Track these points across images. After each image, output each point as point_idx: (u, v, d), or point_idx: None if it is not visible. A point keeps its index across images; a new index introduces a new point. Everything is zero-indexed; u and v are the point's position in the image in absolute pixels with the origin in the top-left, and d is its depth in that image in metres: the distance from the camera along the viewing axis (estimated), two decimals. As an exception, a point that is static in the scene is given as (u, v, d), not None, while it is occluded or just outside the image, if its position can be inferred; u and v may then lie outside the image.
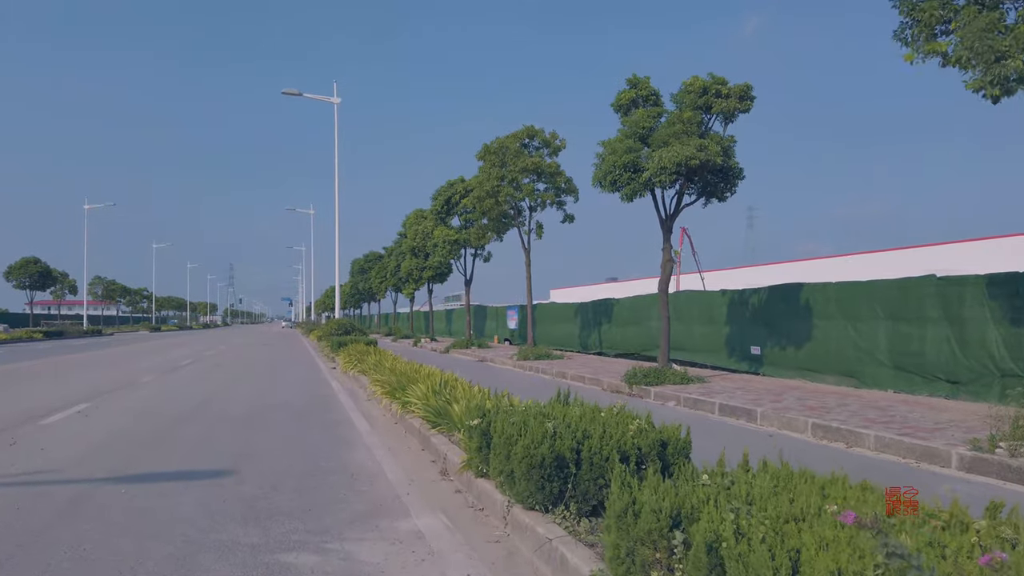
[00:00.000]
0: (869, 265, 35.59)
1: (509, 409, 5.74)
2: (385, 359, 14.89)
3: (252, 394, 13.20)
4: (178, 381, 15.94)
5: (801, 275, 19.87)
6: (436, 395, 8.57)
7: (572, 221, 22.61)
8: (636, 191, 13.73)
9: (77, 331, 57.34)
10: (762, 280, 23.42)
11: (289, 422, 9.77)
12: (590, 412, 5.28)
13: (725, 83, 13.74)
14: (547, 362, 21.11)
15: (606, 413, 5.23)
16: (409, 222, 39.06)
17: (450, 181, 30.33)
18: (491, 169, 21.65)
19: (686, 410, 11.67)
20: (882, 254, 42.13)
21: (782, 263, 50.94)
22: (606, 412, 5.26)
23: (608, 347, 24.08)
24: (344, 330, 25.84)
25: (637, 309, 22.14)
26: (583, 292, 60.52)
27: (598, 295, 46.02)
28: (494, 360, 23.83)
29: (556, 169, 21.61)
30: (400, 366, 12.52)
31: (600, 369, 18.18)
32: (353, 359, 17.13)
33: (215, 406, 11.46)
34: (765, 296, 16.40)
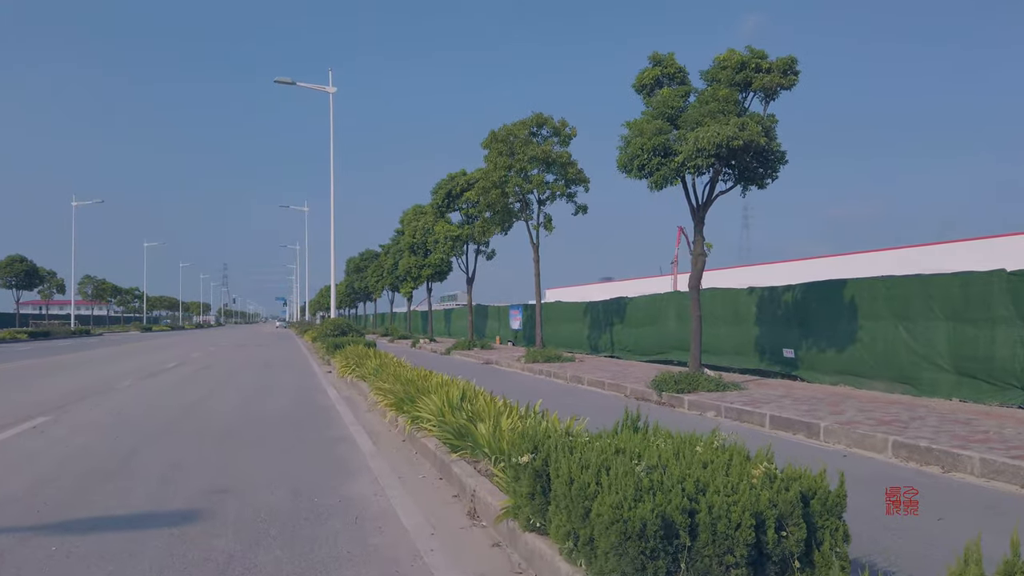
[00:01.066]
0: (869, 265, 34.65)
1: (564, 439, 4.35)
2: (387, 364, 13.49)
3: (239, 403, 11.79)
4: (158, 387, 14.51)
5: (803, 275, 18.75)
6: (455, 410, 7.18)
7: (584, 212, 21.25)
8: (667, 177, 12.37)
9: (64, 331, 55.69)
10: (761, 279, 22.30)
11: (280, 439, 8.37)
12: (682, 446, 3.90)
13: (765, 56, 12.40)
14: (558, 365, 19.74)
15: (704, 448, 3.85)
16: (407, 218, 37.61)
17: (451, 174, 28.91)
18: (498, 158, 20.26)
19: (730, 422, 10.31)
20: (879, 253, 41.27)
21: (777, 263, 49.94)
22: (704, 447, 3.88)
23: (620, 349, 22.72)
24: (340, 331, 24.41)
25: (652, 309, 20.79)
26: (578, 292, 59.28)
27: (593, 295, 44.87)
28: (500, 362, 22.45)
29: (567, 159, 20.24)
30: (406, 372, 11.12)
31: (619, 373, 16.81)
32: (351, 363, 15.72)
33: (196, 418, 10.04)
34: (799, 294, 15.07)
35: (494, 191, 20.67)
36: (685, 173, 12.39)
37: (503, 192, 20.88)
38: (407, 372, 11.17)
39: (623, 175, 13.27)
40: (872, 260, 39.28)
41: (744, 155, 11.80)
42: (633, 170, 12.81)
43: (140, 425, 9.37)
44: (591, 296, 43.05)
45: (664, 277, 60.31)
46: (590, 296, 44.46)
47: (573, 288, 66.53)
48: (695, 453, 3.80)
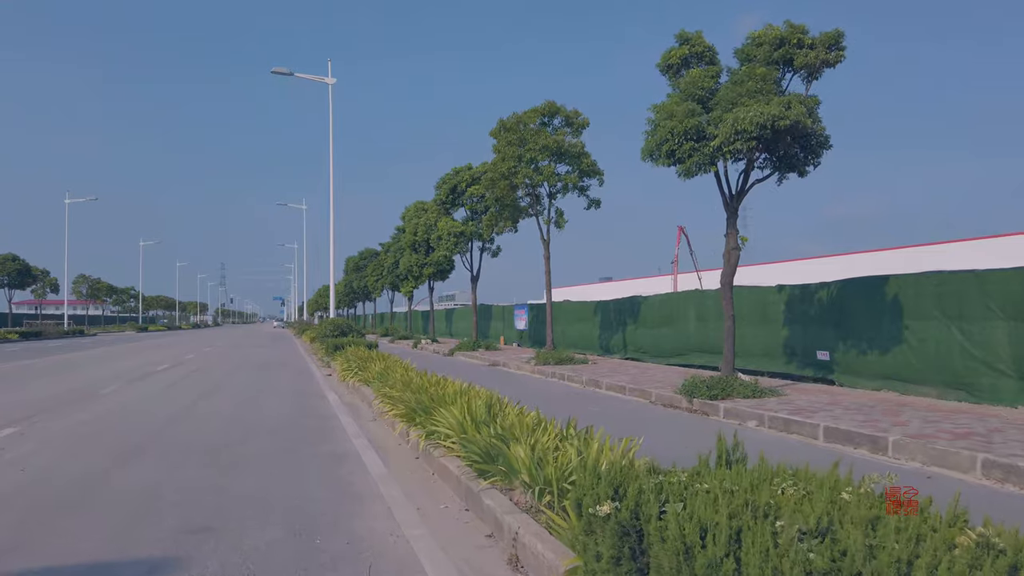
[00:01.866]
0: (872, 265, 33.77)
1: (651, 478, 3.28)
2: (392, 367, 12.42)
3: (232, 411, 10.71)
4: (145, 393, 13.43)
5: (803, 275, 18.05)
6: (479, 426, 6.12)
7: (598, 207, 20.19)
8: (700, 164, 11.32)
9: (57, 331, 54.53)
10: (760, 279, 21.37)
11: (275, 456, 7.30)
12: (819, 491, 2.84)
13: (805, 31, 11.34)
14: (571, 367, 18.68)
15: (853, 495, 2.78)
16: (409, 215, 36.51)
17: (456, 168, 27.83)
18: (507, 148, 19.19)
19: (776, 433, 9.26)
20: (878, 253, 40.45)
21: (777, 263, 49.09)
22: (852, 493, 2.82)
23: (634, 350, 21.66)
24: (340, 331, 23.33)
25: (670, 308, 19.73)
26: (578, 292, 58.23)
27: (593, 295, 43.88)
28: (508, 364, 21.39)
29: (580, 149, 19.18)
30: (415, 378, 10.04)
31: (638, 377, 15.75)
32: (353, 366, 14.65)
33: (182, 430, 8.96)
34: (835, 291, 14.02)
35: (502, 183, 19.60)
36: (720, 159, 11.32)
37: (512, 185, 19.81)
38: (416, 378, 10.10)
39: (649, 163, 12.23)
40: (874, 260, 38.55)
41: (786, 139, 10.75)
42: (661, 157, 11.76)
43: (118, 439, 8.30)
44: (592, 296, 42.16)
45: (664, 277, 59.35)
46: (590, 296, 43.56)
47: (573, 288, 65.57)
48: (840, 500, 2.74)
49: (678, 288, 49.21)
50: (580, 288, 63.42)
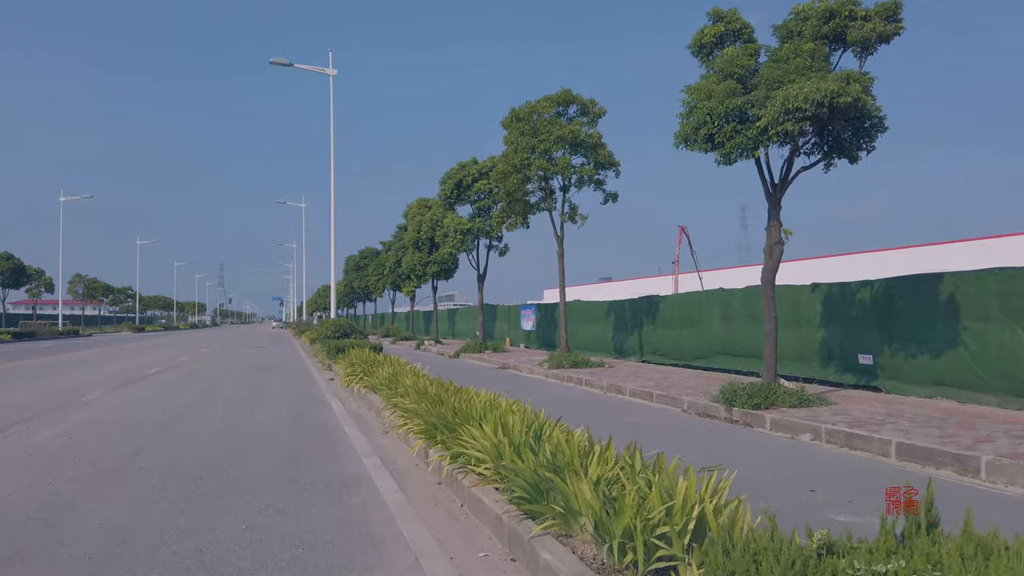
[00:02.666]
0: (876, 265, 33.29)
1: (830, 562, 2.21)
2: (402, 372, 11.35)
3: (223, 422, 9.63)
4: (132, 400, 12.35)
5: (807, 275, 17.15)
6: (521, 450, 5.05)
7: (614, 201, 19.13)
8: (742, 148, 10.27)
9: (51, 332, 53.41)
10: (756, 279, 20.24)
11: (272, 482, 6.23)
12: None
13: (857, 2, 10.27)
14: (587, 371, 17.62)
15: None
16: (411, 212, 35.45)
17: (461, 163, 26.75)
18: (519, 139, 18.12)
19: (836, 450, 8.21)
20: (877, 254, 39.87)
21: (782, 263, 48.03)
22: None
23: (651, 353, 20.60)
24: (342, 332, 22.25)
25: (692, 308, 18.67)
26: (577, 292, 57.03)
27: (592, 296, 42.86)
28: (519, 368, 20.33)
29: (597, 140, 18.12)
30: (430, 386, 8.96)
31: (663, 382, 14.69)
32: (357, 370, 13.58)
33: (166, 446, 7.89)
34: (880, 290, 12.96)
35: (514, 176, 18.53)
36: (764, 144, 10.26)
37: (525, 177, 18.74)
38: (432, 385, 9.01)
39: (682, 148, 11.17)
40: (879, 260, 37.97)
41: (841, 120, 9.68)
42: (698, 141, 10.70)
43: (90, 460, 7.22)
44: (592, 296, 41.19)
45: (665, 277, 58.33)
46: (591, 296, 42.58)
47: (573, 288, 64.31)
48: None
49: (679, 288, 48.52)
50: (580, 288, 62.38)
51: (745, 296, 16.67)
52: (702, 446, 8.20)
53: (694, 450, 7.80)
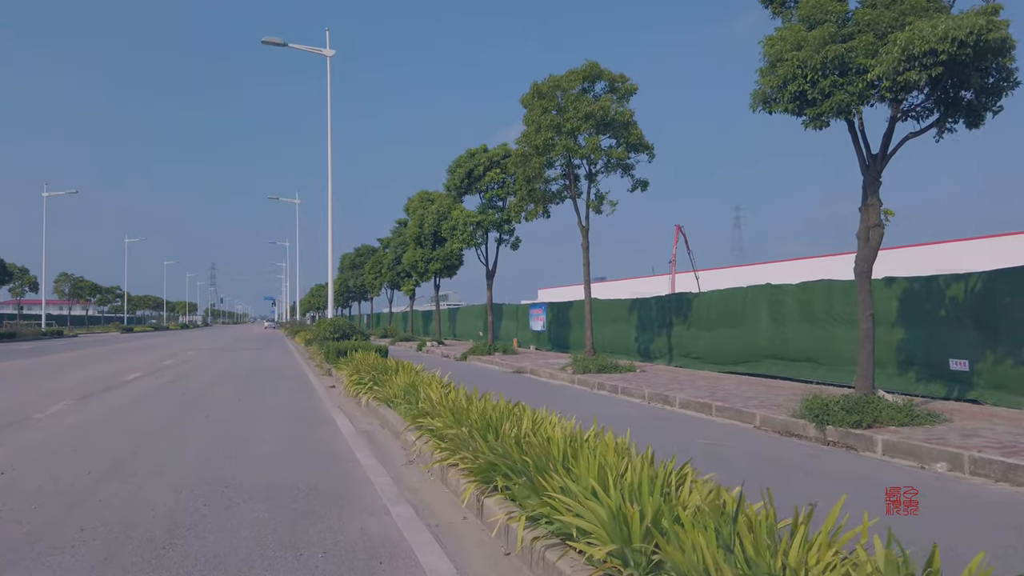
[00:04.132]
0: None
1: None
2: (424, 383, 9.41)
3: (204, 451, 7.68)
4: (95, 416, 10.37)
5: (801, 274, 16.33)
6: (659, 521, 3.13)
7: (644, 189, 17.26)
8: (842, 106, 8.39)
9: (33, 333, 51.12)
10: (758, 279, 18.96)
11: (268, 552, 4.31)
12: None
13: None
14: (619, 377, 15.73)
15: None
16: (413, 205, 33.48)
17: (471, 150, 24.80)
18: (541, 117, 16.20)
19: (992, 485, 6.32)
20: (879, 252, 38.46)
21: (772, 263, 46.84)
22: None
23: (683, 356, 18.73)
24: (342, 333, 20.27)
25: (734, 306, 16.80)
26: (573, 291, 55.35)
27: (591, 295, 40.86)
28: (537, 372, 18.41)
29: (628, 118, 16.23)
30: (470, 405, 7.00)
31: (716, 391, 12.81)
32: (365, 377, 11.65)
33: (123, 491, 5.93)
34: (979, 284, 11.11)
35: (536, 160, 16.61)
36: (870, 100, 8.39)
37: (548, 161, 16.84)
38: (471, 403, 7.06)
39: (760, 111, 9.29)
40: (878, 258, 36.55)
41: (979, 66, 7.80)
42: (785, 100, 8.81)
43: (16, 511, 5.28)
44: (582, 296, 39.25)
45: (660, 277, 56.57)
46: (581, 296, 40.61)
47: (566, 288, 62.92)
48: None
49: (675, 288, 46.72)
50: (575, 288, 60.62)
51: (800, 292, 14.80)
52: (824, 486, 6.30)
53: (818, 490, 5.94)
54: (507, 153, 24.33)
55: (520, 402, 6.71)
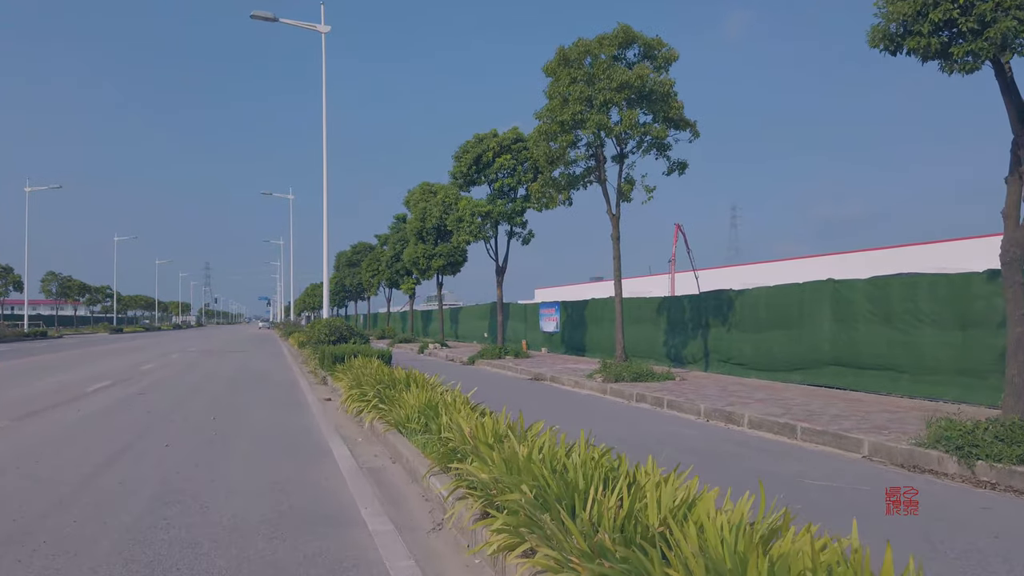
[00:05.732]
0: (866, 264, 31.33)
1: None
2: (449, 406, 7.29)
3: (142, 515, 5.55)
4: (36, 439, 8.25)
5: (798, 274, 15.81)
6: None
7: (682, 172, 15.19)
8: (1011, 36, 6.31)
9: (14, 334, 48.77)
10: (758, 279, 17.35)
11: None
12: None
13: None
14: (657, 386, 13.66)
15: None
16: (414, 198, 31.36)
17: (478, 135, 22.66)
18: (569, 88, 14.09)
19: None
20: (865, 253, 37.29)
21: (769, 262, 45.35)
22: None
23: (723, 361, 16.66)
24: (338, 335, 18.13)
25: (787, 305, 14.72)
26: (570, 291, 53.29)
27: (584, 295, 39.04)
28: (559, 379, 16.31)
29: (668, 89, 14.14)
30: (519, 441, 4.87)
31: (790, 405, 10.73)
32: (368, 391, 9.54)
33: (36, 564, 3.81)
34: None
35: (563, 137, 14.50)
36: None
37: (575, 140, 14.75)
38: (521, 439, 4.93)
39: (882, 52, 7.20)
40: (865, 260, 35.82)
41: None
42: (922, 34, 6.72)
43: None
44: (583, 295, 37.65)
45: (658, 277, 54.52)
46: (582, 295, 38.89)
47: (564, 288, 60.91)
48: None
49: (675, 290, 44.77)
50: (573, 288, 58.75)
51: (871, 289, 12.74)
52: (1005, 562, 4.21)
53: None
54: (518, 137, 22.24)
55: (607, 448, 4.59)
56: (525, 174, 21.73)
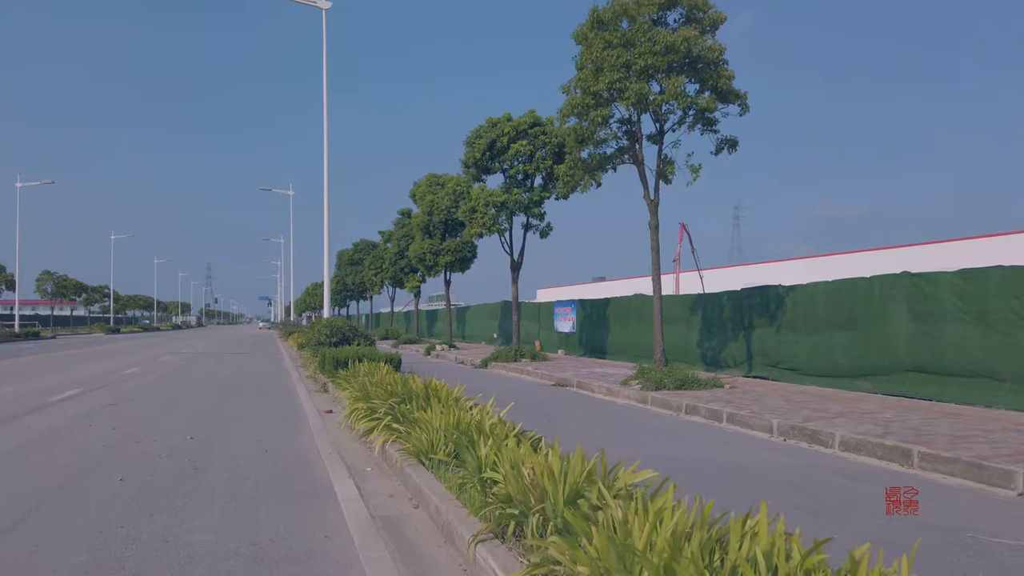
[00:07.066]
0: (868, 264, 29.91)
1: None
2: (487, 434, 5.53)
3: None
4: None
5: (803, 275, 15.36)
6: None
7: (733, 150, 13.44)
8: None
9: (5, 334, 47.06)
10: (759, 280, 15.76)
11: None
12: None
13: None
14: (706, 395, 11.89)
15: None
16: (420, 191, 29.59)
17: (491, 119, 20.86)
18: (604, 54, 12.32)
19: None
20: (864, 254, 35.87)
21: (773, 262, 43.84)
22: None
23: (769, 365, 14.88)
24: (340, 336, 16.35)
25: (851, 302, 12.94)
26: (573, 291, 51.52)
27: (588, 294, 37.31)
28: (588, 386, 14.54)
29: (718, 55, 12.38)
30: (637, 519, 3.10)
31: (877, 420, 8.95)
32: (379, 406, 7.77)
33: None
34: None
35: (598, 112, 12.72)
36: None
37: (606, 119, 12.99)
38: (644, 519, 3.17)
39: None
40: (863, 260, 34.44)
41: None
42: None
43: None
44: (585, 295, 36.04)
45: (663, 276, 52.81)
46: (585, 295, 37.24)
47: (565, 288, 59.24)
48: None
49: (680, 288, 42.90)
50: (574, 288, 57.04)
51: (960, 283, 10.96)
52: None
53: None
54: (536, 121, 20.47)
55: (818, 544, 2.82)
56: (544, 160, 19.96)
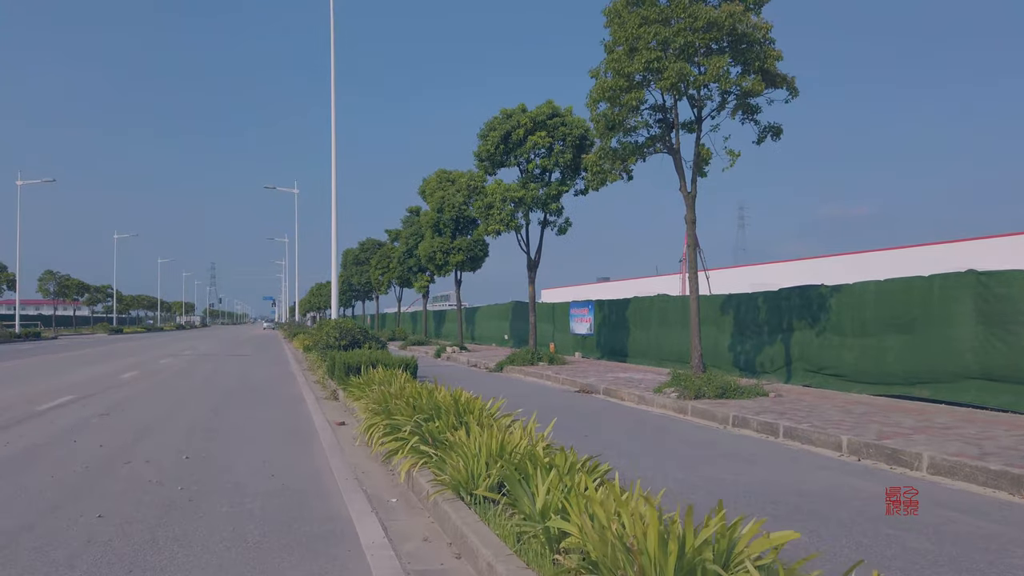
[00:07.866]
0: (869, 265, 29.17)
1: None
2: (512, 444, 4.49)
3: None
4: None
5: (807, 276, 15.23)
6: None
7: (777, 137, 12.41)
8: None
9: (5, 335, 46.18)
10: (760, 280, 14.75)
11: None
12: None
13: None
14: (752, 404, 10.85)
15: None
16: (430, 187, 28.59)
17: (506, 111, 19.81)
18: (640, 31, 11.28)
19: None
20: (873, 254, 34.90)
21: (777, 263, 42.87)
22: None
23: (812, 371, 13.83)
24: (351, 339, 15.33)
25: (906, 303, 11.87)
26: (575, 292, 50.54)
27: (591, 295, 36.25)
28: (617, 394, 13.51)
29: (765, 33, 11.35)
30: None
31: (963, 437, 7.90)
32: (403, 423, 6.75)
33: None
34: None
35: (632, 95, 11.69)
36: None
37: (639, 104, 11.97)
38: None
39: None
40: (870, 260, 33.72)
41: None
42: None
43: None
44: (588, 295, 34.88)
45: (667, 277, 51.60)
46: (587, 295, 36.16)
47: (571, 288, 58.22)
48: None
49: (686, 289, 41.47)
50: (579, 288, 56.08)
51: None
52: None
53: None
54: (554, 112, 19.43)
55: None
56: (563, 154, 18.92)
